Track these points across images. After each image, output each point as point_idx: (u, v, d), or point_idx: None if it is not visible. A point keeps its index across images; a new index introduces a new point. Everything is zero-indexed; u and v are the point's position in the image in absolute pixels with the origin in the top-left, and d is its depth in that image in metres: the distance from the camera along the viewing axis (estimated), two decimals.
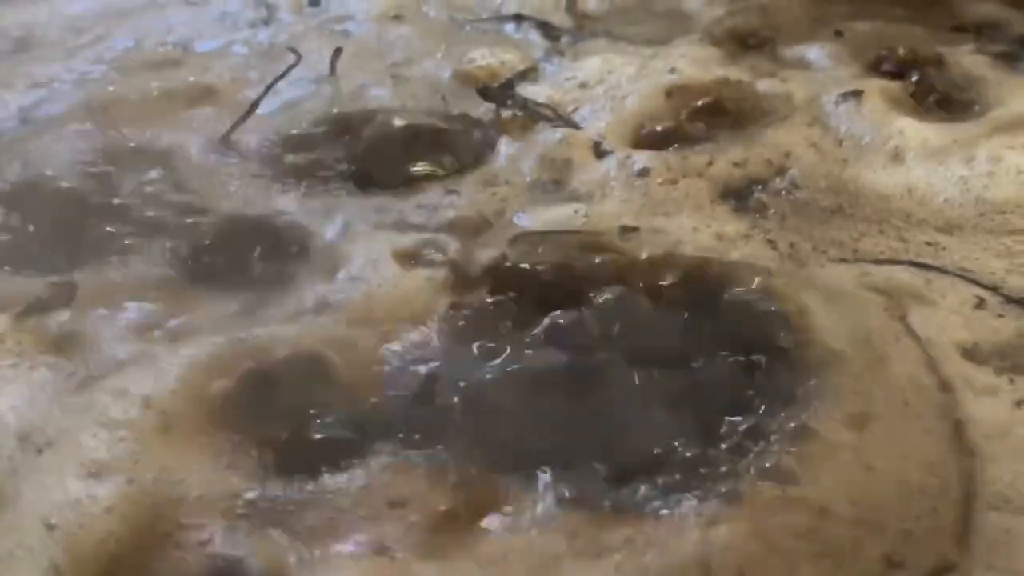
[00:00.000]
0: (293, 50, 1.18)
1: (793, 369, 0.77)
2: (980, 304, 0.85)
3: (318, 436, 0.76)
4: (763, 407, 0.74)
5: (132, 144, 1.10)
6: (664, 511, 0.67)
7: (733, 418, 0.74)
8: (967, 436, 0.73)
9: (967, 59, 1.21)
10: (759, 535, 0.65)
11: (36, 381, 0.78)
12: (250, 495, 0.70)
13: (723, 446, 0.72)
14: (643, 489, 0.69)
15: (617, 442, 0.73)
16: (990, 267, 0.89)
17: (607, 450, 0.72)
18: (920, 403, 0.74)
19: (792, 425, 0.72)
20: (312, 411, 0.77)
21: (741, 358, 0.78)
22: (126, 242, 0.95)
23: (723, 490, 0.68)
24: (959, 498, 0.69)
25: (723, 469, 0.70)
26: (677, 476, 0.70)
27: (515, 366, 0.79)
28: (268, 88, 1.15)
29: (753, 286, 0.85)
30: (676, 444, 0.72)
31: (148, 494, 0.70)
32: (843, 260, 0.92)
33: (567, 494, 0.69)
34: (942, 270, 0.89)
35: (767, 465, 0.69)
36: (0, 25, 1.37)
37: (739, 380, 0.77)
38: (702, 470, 0.70)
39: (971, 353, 0.80)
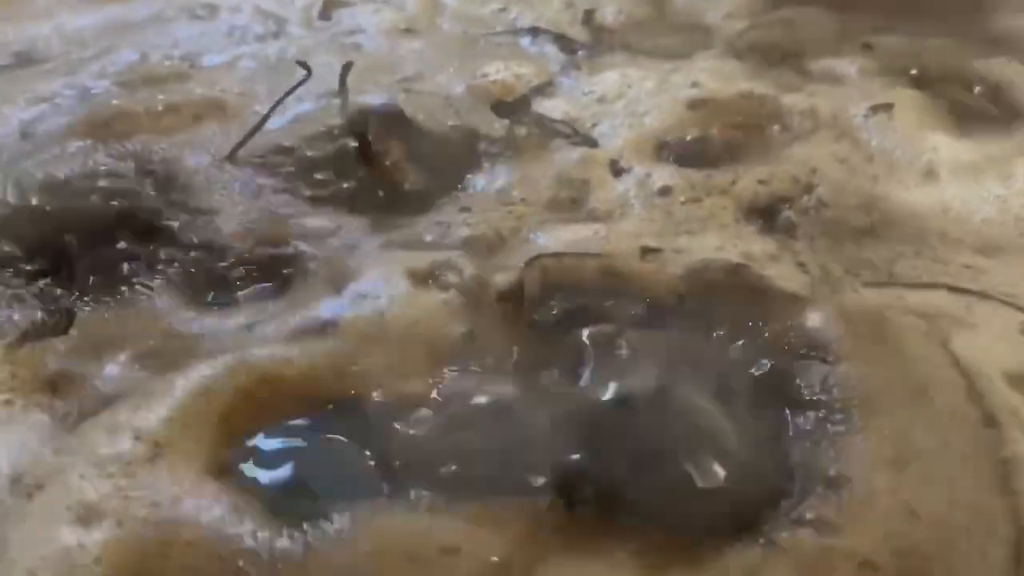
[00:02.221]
0: (303, 64, 1.14)
1: (831, 403, 0.73)
2: None
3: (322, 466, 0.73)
4: (801, 446, 0.70)
5: (135, 160, 1.06)
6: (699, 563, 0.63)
7: (769, 456, 0.70)
8: (1013, 473, 0.69)
9: (1002, 71, 1.17)
10: None
11: (29, 421, 0.74)
12: (249, 538, 0.66)
13: (760, 487, 0.68)
14: (682, 531, 0.65)
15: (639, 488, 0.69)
16: None
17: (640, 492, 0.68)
18: (963, 441, 0.70)
19: (831, 466, 0.68)
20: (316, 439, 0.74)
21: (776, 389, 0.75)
22: (125, 263, 0.92)
23: (761, 540, 0.64)
24: (1007, 538, 0.65)
25: (760, 514, 0.66)
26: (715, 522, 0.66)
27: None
28: (276, 104, 1.11)
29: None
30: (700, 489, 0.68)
31: (138, 537, 0.65)
32: (878, 284, 0.88)
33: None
34: (983, 295, 0.84)
35: (805, 509, 0.65)
36: (1, 39, 1.34)
37: (774, 413, 0.73)
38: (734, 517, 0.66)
39: (1017, 382, 0.76)
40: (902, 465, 0.67)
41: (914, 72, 1.19)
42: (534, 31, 1.32)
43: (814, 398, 0.73)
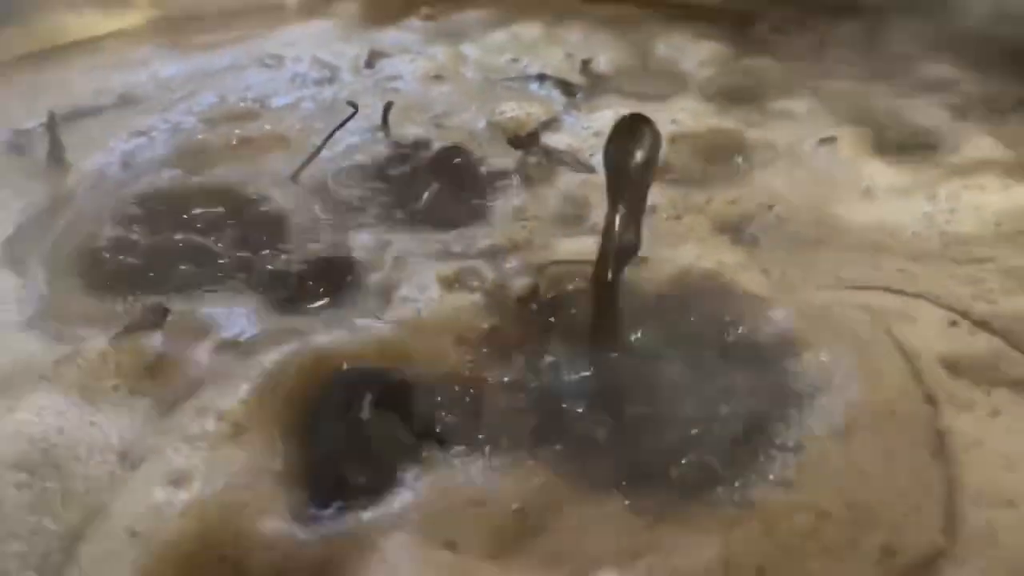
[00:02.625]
0: (352, 104, 1.12)
1: (793, 383, 0.71)
2: (954, 324, 0.78)
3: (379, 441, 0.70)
4: (766, 417, 0.68)
5: (217, 183, 1.05)
6: (685, 517, 0.61)
7: (738, 426, 0.68)
8: (948, 442, 0.67)
9: (924, 111, 1.14)
10: (770, 537, 0.59)
11: (134, 405, 0.73)
12: (317, 499, 0.64)
13: (730, 454, 0.66)
14: (664, 497, 0.63)
15: (635, 454, 0.67)
16: (957, 293, 0.83)
17: (629, 462, 0.66)
18: (906, 413, 0.68)
19: (793, 433, 0.66)
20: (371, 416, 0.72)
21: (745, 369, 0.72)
22: (209, 269, 0.90)
23: (735, 497, 0.62)
24: (942, 496, 0.63)
25: (731, 476, 0.64)
26: (692, 485, 0.64)
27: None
28: (331, 134, 1.09)
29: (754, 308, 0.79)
30: (687, 455, 0.66)
31: (219, 498, 0.64)
32: (828, 286, 0.86)
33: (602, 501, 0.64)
34: (915, 295, 0.82)
35: (772, 470, 0.63)
36: (107, 85, 1.32)
37: (742, 390, 0.71)
38: (713, 479, 0.64)
39: (951, 365, 0.74)
40: (853, 431, 0.66)
41: (852, 111, 1.16)
42: (541, 77, 1.30)
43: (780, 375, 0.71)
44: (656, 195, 0.99)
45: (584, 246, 0.92)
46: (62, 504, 0.64)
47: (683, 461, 0.66)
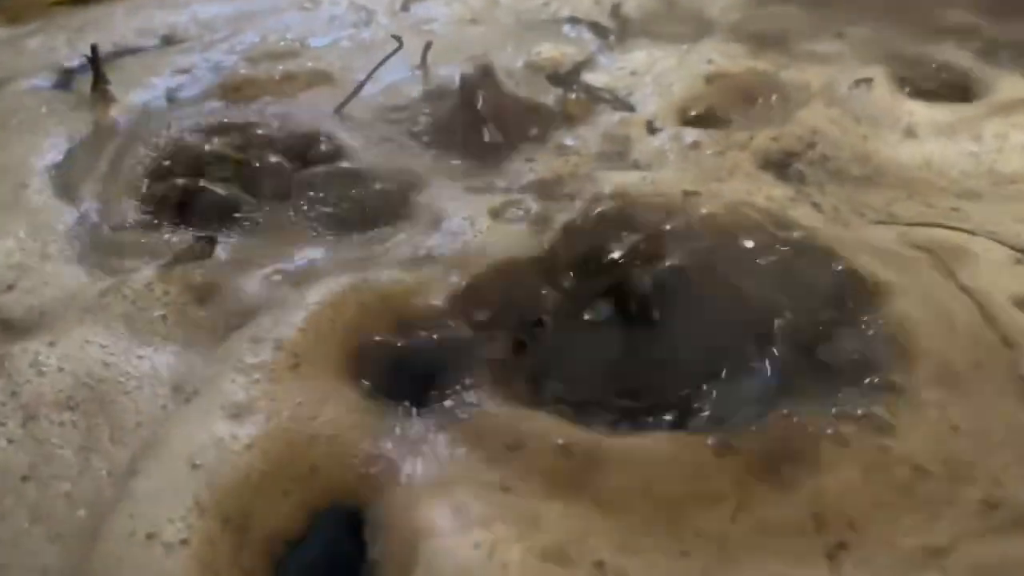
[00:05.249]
0: (396, 37, 0.98)
1: (869, 328, 0.59)
2: (1019, 261, 0.66)
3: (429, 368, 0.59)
4: (847, 366, 0.56)
5: (262, 116, 0.91)
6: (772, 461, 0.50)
7: (819, 375, 0.56)
8: None
9: (952, 54, 1.01)
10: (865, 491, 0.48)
11: (182, 333, 0.60)
12: (378, 428, 0.53)
13: (817, 400, 0.54)
14: (743, 434, 0.52)
15: (711, 391, 0.56)
16: (1014, 230, 0.71)
17: (703, 398, 0.55)
18: (990, 361, 0.56)
19: (880, 384, 0.54)
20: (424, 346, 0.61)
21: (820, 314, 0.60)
22: (258, 198, 0.78)
23: (828, 440, 0.50)
24: None
25: (820, 423, 0.52)
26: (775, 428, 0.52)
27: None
28: (375, 69, 0.95)
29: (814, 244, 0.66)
30: (768, 395, 0.55)
31: (284, 430, 0.53)
32: (881, 222, 0.73)
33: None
34: (973, 232, 0.70)
35: (863, 420, 0.52)
36: (149, 25, 1.17)
37: (818, 338, 0.59)
38: (800, 425, 0.52)
39: (1021, 304, 0.62)
40: (943, 382, 0.54)
41: (880, 55, 1.02)
42: (573, 20, 1.15)
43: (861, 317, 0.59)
44: (698, 132, 0.87)
45: (632, 180, 0.80)
46: (111, 441, 0.52)
47: (754, 400, 0.54)
